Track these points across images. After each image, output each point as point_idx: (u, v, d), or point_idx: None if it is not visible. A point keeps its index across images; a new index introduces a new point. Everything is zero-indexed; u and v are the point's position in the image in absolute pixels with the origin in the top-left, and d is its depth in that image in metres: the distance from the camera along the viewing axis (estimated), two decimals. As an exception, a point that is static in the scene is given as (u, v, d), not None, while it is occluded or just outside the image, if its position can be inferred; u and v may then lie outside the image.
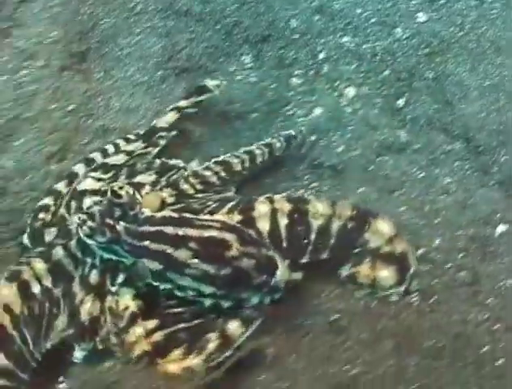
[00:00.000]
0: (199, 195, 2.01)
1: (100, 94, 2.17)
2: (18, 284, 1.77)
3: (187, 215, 1.84)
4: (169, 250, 1.76)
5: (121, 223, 1.77)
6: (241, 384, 1.69)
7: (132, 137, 2.13)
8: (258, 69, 2.25)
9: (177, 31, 2.30)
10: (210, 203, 1.97)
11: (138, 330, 1.78)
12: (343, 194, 2.00)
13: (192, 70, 2.22)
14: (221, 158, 2.08)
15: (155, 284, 1.79)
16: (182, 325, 1.81)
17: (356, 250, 1.89)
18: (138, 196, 1.83)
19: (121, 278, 1.82)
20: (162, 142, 2.13)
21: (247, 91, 2.20)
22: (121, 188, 1.80)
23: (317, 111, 2.18)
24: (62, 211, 1.97)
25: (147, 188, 1.94)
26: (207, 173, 2.02)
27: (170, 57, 2.24)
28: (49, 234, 1.93)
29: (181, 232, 1.78)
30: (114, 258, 1.81)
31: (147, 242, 1.77)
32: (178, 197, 1.96)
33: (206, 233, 1.79)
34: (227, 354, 1.74)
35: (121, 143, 2.12)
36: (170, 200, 1.93)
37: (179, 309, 1.82)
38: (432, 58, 2.25)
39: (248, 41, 2.30)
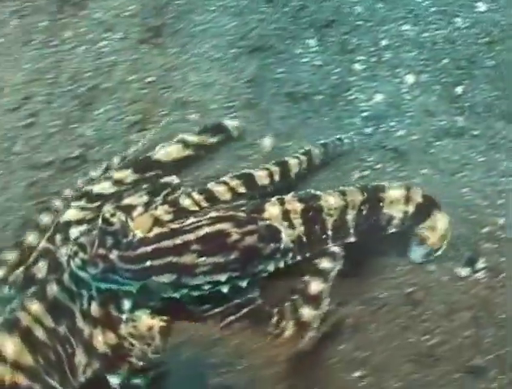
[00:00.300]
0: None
1: (177, 68, 2.17)
2: (19, 333, 1.71)
3: (175, 225, 1.77)
4: (175, 259, 1.71)
5: (115, 251, 1.69)
6: (322, 353, 1.70)
7: (118, 160, 2.00)
8: (322, 53, 2.26)
9: (248, 11, 2.29)
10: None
11: None
12: (406, 176, 2.01)
13: (262, 50, 2.22)
14: (244, 171, 1.98)
15: (172, 295, 1.73)
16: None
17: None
18: (130, 222, 1.74)
19: (127, 304, 1.75)
20: (158, 183, 1.94)
21: (312, 74, 2.20)
22: (112, 215, 1.70)
23: (378, 97, 2.19)
24: (45, 244, 1.86)
25: (139, 209, 1.86)
26: (219, 189, 1.91)
27: (242, 36, 2.24)
28: (39, 271, 1.83)
29: (178, 240, 1.73)
30: (114, 287, 1.73)
31: (148, 263, 1.70)
32: (177, 214, 1.86)
33: (201, 232, 1.74)
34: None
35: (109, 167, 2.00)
36: (167, 218, 1.83)
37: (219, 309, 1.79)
38: (491, 47, 2.25)
39: (313, 25, 2.30)
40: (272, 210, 1.85)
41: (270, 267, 1.79)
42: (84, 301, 1.75)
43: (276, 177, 1.96)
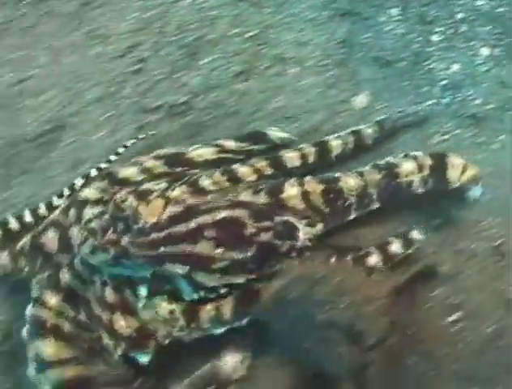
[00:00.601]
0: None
1: (272, 26, 2.22)
2: (50, 333, 1.67)
3: (190, 202, 1.69)
4: (189, 248, 1.61)
5: (126, 237, 1.61)
6: (417, 298, 1.76)
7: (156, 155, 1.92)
8: (403, 22, 2.30)
9: (339, -26, 2.35)
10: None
11: None
12: (484, 142, 2.07)
13: (351, 15, 2.26)
14: (275, 153, 1.89)
15: (189, 296, 1.66)
16: None
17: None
18: (141, 207, 1.64)
19: (143, 291, 1.67)
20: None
21: (395, 42, 2.25)
22: (123, 200, 1.65)
23: (455, 67, 2.24)
24: (58, 216, 1.80)
25: (155, 195, 1.72)
26: (243, 170, 1.83)
27: (334, -1, 2.29)
28: (49, 242, 1.77)
29: (192, 224, 1.63)
30: (127, 273, 1.66)
31: (161, 249, 1.61)
32: (194, 194, 1.76)
33: (218, 216, 1.65)
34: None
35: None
36: (183, 198, 1.73)
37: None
38: None
39: (395, -5, 2.35)
40: (291, 190, 1.79)
41: (282, 267, 1.70)
42: (98, 288, 1.69)
43: (311, 159, 1.90)
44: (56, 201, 1.86)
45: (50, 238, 1.76)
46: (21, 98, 2.11)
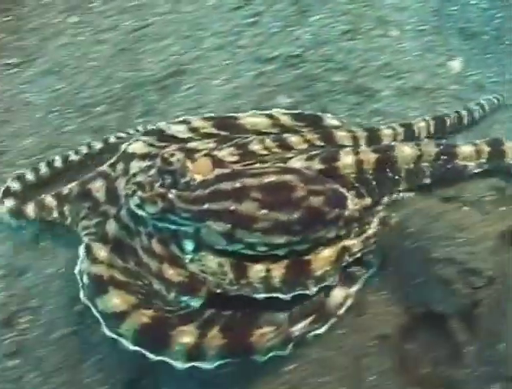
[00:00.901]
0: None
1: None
2: (110, 285, 1.65)
3: (238, 167, 1.69)
4: (233, 206, 1.58)
5: (173, 191, 1.59)
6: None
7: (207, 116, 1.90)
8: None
9: None
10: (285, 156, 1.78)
11: None
12: None
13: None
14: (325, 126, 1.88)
15: (223, 247, 1.63)
16: None
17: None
18: (189, 163, 1.63)
19: (189, 245, 1.66)
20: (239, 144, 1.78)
21: (479, 16, 2.33)
22: (171, 155, 1.63)
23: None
24: (105, 168, 1.80)
25: (203, 153, 1.72)
26: (293, 139, 1.81)
27: (430, -32, 2.39)
28: (96, 190, 1.77)
29: (238, 184, 1.60)
30: (173, 227, 1.64)
31: (206, 205, 1.59)
32: (243, 157, 1.75)
33: (266, 179, 1.62)
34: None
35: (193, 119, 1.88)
36: (231, 159, 1.73)
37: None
38: None
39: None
40: (346, 159, 1.77)
41: (331, 235, 1.68)
42: (144, 238, 1.69)
43: (361, 142, 1.87)
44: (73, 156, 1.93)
45: (98, 187, 1.76)
46: (142, 43, 2.20)
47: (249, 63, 2.12)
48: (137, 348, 1.59)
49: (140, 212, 1.61)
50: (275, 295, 1.64)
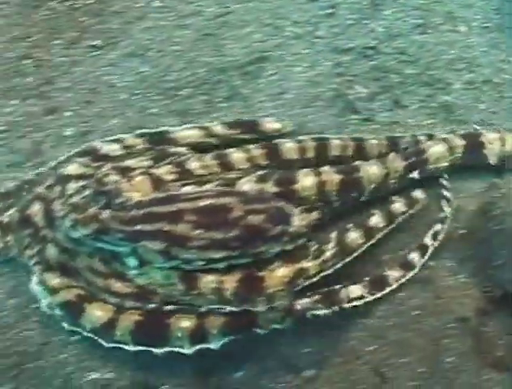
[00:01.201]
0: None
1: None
2: (87, 302, 1.63)
3: (175, 191, 1.64)
4: (167, 228, 1.56)
5: (107, 211, 1.57)
6: None
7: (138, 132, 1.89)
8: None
9: None
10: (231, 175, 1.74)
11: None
12: None
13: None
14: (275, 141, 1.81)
15: (162, 265, 1.61)
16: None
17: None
18: (125, 182, 1.61)
19: (132, 262, 1.63)
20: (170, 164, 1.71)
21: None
22: (105, 175, 1.62)
23: None
24: (43, 190, 1.76)
25: (138, 172, 1.68)
26: (237, 156, 1.75)
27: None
28: (35, 214, 1.72)
29: (173, 208, 1.57)
30: (110, 247, 1.62)
31: (139, 226, 1.56)
32: (181, 175, 1.70)
33: (202, 203, 1.58)
34: (345, 261, 1.69)
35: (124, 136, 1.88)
36: (169, 177, 1.68)
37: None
38: None
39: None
40: (306, 181, 1.72)
41: (276, 250, 1.64)
42: (85, 258, 1.67)
43: (310, 154, 1.82)
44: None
45: (36, 211, 1.73)
46: (224, 30, 2.26)
47: (327, 53, 2.19)
48: (139, 348, 1.60)
49: (74, 234, 1.59)
50: (228, 308, 1.63)
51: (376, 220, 1.75)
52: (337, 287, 1.69)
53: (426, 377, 1.67)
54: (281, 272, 1.62)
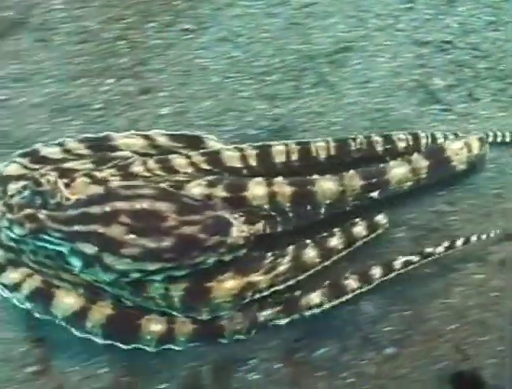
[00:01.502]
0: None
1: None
2: (57, 289, 1.65)
3: (115, 185, 1.62)
4: (101, 230, 1.54)
5: (44, 211, 1.57)
6: None
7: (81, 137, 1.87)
8: None
9: None
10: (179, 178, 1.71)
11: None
12: None
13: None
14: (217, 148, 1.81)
15: (102, 278, 1.61)
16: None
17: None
18: (61, 183, 1.60)
19: (77, 262, 1.62)
20: (114, 168, 1.70)
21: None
22: (42, 176, 1.60)
23: None
24: None
25: (78, 174, 1.68)
26: (179, 161, 1.74)
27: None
28: None
29: (107, 208, 1.56)
30: (52, 247, 1.62)
31: (75, 227, 1.56)
32: (124, 178, 1.68)
33: (137, 205, 1.57)
34: (298, 278, 1.71)
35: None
36: (112, 180, 1.67)
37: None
38: None
39: None
40: (256, 189, 1.70)
41: (211, 260, 1.64)
42: (30, 255, 1.67)
43: (252, 162, 1.79)
44: None
45: None
46: (310, 19, 2.34)
47: (408, 45, 2.29)
48: (108, 342, 1.66)
49: (10, 234, 1.60)
50: (176, 314, 1.67)
51: (336, 241, 1.74)
52: (297, 294, 1.72)
53: (505, 355, 1.81)
54: (230, 284, 1.64)
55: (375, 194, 1.77)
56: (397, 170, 1.78)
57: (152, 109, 2.19)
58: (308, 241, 1.73)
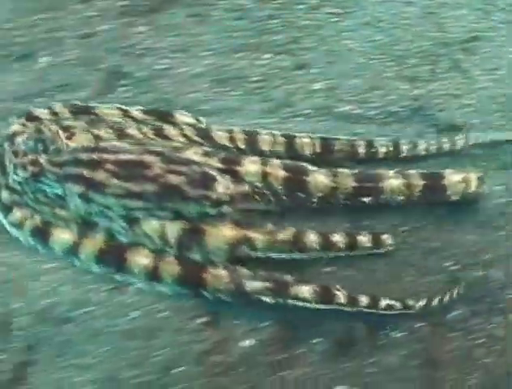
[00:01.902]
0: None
1: None
2: (57, 227, 1.77)
3: (104, 143, 1.75)
4: (87, 174, 1.68)
5: (44, 156, 1.72)
6: None
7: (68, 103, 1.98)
8: None
9: None
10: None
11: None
12: None
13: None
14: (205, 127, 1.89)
15: (85, 210, 1.73)
16: None
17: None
18: (61, 132, 1.75)
19: (76, 201, 1.75)
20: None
21: None
22: (45, 126, 1.76)
23: None
24: None
25: (77, 129, 1.81)
26: (173, 131, 1.83)
27: None
28: None
29: (95, 156, 1.69)
30: (50, 190, 1.76)
31: (67, 170, 1.71)
32: (120, 137, 1.80)
33: (124, 156, 1.69)
34: (295, 256, 1.75)
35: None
36: (107, 137, 1.79)
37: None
38: None
39: None
40: (251, 166, 1.76)
41: (195, 210, 1.69)
42: (31, 196, 1.79)
43: (240, 144, 1.88)
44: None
45: None
46: (443, 10, 2.55)
47: (523, 42, 2.58)
48: (102, 270, 1.77)
49: (15, 177, 1.76)
50: (171, 252, 1.73)
51: (338, 238, 1.77)
52: (290, 280, 1.74)
53: None
54: (226, 231, 1.69)
55: (367, 200, 1.82)
56: (391, 181, 1.81)
57: (306, 84, 2.38)
58: (311, 228, 1.77)
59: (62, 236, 1.74)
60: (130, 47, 2.40)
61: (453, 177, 1.84)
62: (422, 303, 1.75)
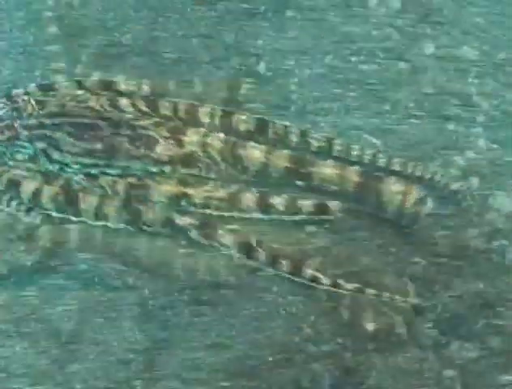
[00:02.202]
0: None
1: None
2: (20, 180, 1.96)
3: (69, 108, 1.95)
4: (49, 133, 1.91)
5: (18, 121, 1.94)
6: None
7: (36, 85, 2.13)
8: None
9: None
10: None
11: None
12: None
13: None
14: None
15: (48, 166, 1.93)
16: None
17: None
18: (32, 100, 1.96)
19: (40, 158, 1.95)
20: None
21: None
22: (19, 96, 1.98)
23: None
24: None
25: (47, 103, 1.99)
26: (124, 102, 1.98)
27: None
28: None
29: (56, 121, 1.93)
30: (23, 150, 1.94)
31: (35, 131, 1.93)
32: (80, 109, 1.97)
33: (79, 120, 1.93)
34: (232, 214, 1.86)
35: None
36: (71, 105, 1.97)
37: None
38: None
39: None
40: (193, 137, 1.90)
41: (137, 166, 1.88)
42: (9, 157, 1.97)
43: (181, 114, 1.97)
44: None
45: None
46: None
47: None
48: (60, 215, 1.93)
49: None
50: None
51: (278, 200, 1.84)
52: (217, 223, 1.86)
53: None
54: (167, 188, 1.88)
55: (300, 183, 1.88)
56: (326, 169, 1.86)
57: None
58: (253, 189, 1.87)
59: (30, 185, 1.94)
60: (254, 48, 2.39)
61: (392, 186, 1.84)
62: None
